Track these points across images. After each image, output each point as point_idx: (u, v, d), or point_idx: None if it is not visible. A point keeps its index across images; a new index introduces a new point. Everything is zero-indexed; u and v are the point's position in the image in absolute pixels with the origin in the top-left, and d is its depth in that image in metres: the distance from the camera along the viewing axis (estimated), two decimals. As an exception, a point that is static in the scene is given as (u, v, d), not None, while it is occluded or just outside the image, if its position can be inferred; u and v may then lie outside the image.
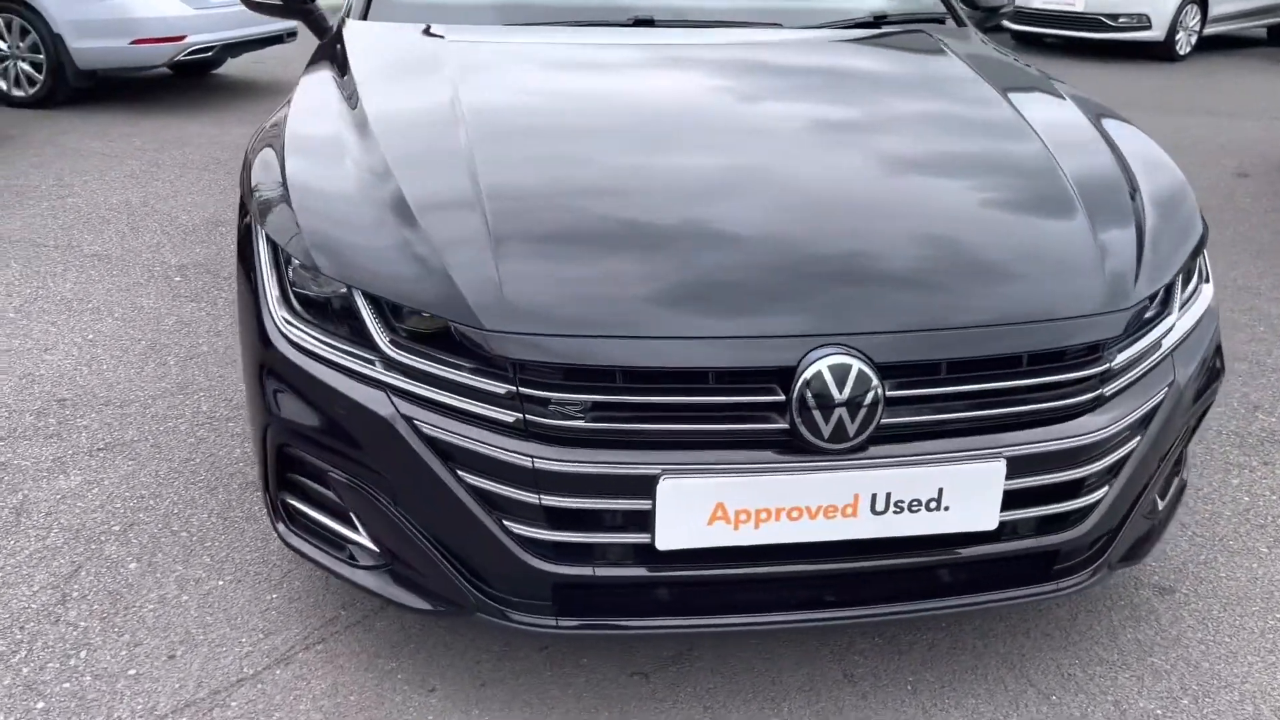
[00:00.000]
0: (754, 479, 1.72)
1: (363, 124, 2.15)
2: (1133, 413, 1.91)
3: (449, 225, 1.84)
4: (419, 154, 2.03)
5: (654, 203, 1.95)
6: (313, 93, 2.39)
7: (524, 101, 2.30)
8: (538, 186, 1.96)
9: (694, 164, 2.08)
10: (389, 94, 2.30)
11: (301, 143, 2.14)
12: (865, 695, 2.06)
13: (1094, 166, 2.19)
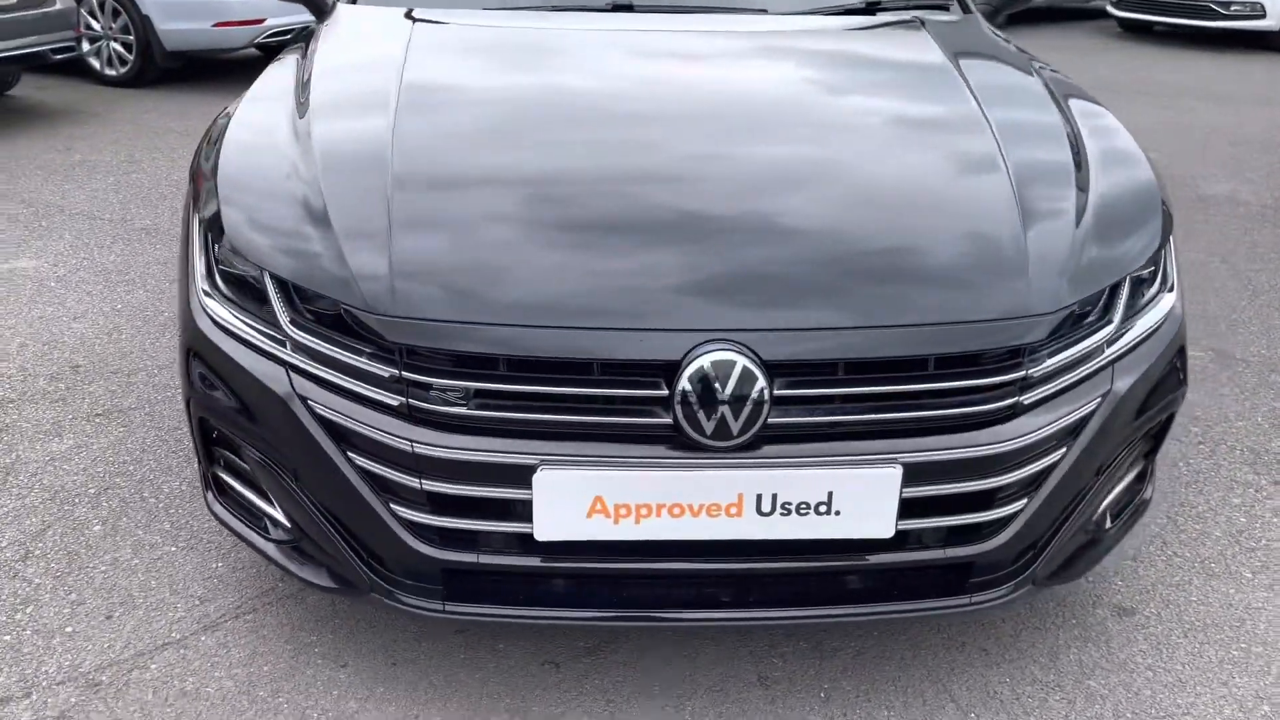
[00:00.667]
0: (635, 473, 1.69)
1: (303, 110, 2.18)
2: (1054, 423, 1.81)
3: (354, 212, 1.86)
4: (344, 141, 2.05)
5: (561, 193, 1.93)
6: (270, 79, 2.43)
7: (462, 89, 2.30)
8: (448, 176, 1.96)
9: (611, 153, 2.05)
10: (338, 81, 2.33)
11: (241, 128, 2.18)
12: (775, 700, 2.01)
13: (1044, 164, 2.08)
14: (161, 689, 2.00)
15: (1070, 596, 2.32)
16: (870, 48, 2.63)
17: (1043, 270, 1.83)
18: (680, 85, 2.33)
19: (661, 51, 2.54)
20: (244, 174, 2.03)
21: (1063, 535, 1.95)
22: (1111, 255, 1.93)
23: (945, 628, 2.21)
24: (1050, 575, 1.97)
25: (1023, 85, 2.43)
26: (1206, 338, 3.65)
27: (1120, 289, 1.93)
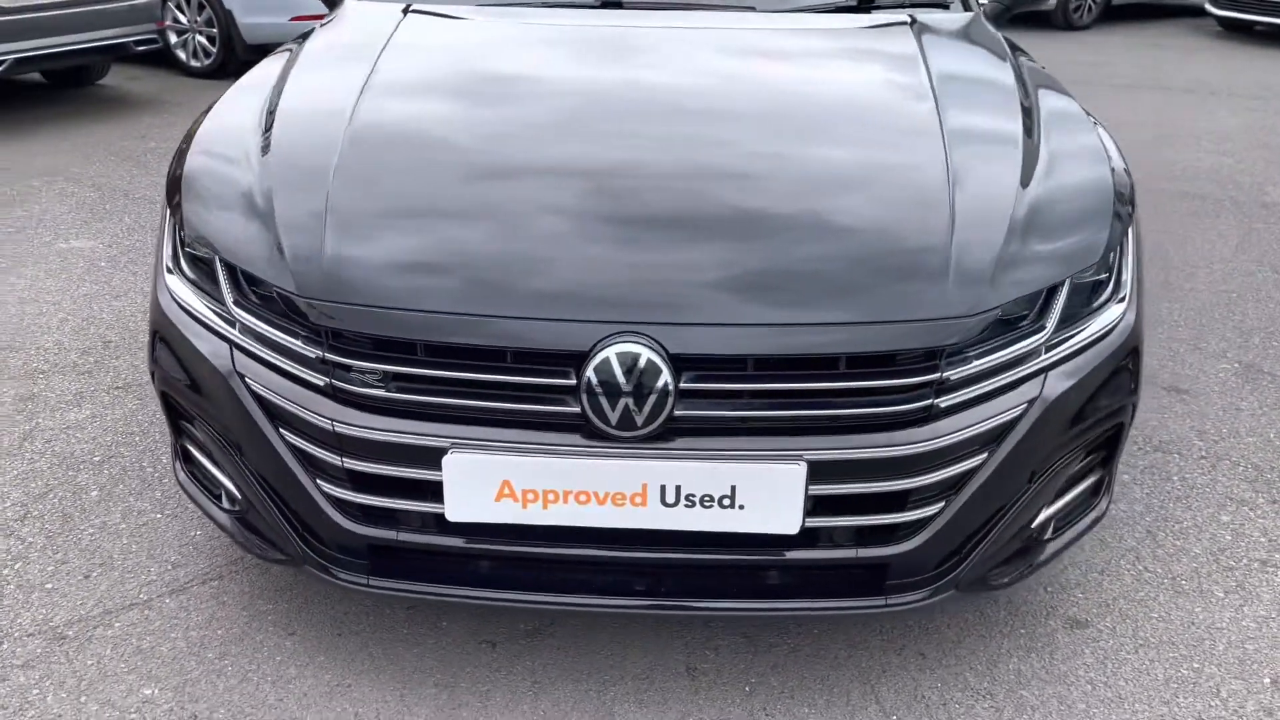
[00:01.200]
0: (542, 460, 1.74)
1: (273, 103, 2.27)
2: (973, 428, 1.80)
3: (295, 202, 1.94)
4: (300, 134, 2.14)
5: (489, 187, 1.97)
6: (258, 71, 2.54)
7: (426, 86, 2.35)
8: (388, 171, 2.01)
9: (545, 149, 2.08)
10: (312, 75, 2.42)
11: (215, 118, 2.30)
12: (698, 691, 2.04)
13: (987, 165, 2.05)
14: (120, 646, 2.12)
15: (1024, 606, 2.28)
16: (842, 44, 2.61)
17: (966, 272, 1.81)
18: (629, 83, 2.35)
19: (625, 48, 2.56)
20: (210, 162, 2.14)
21: (990, 542, 1.92)
22: (1048, 259, 1.90)
23: (885, 630, 2.20)
24: (976, 582, 1.95)
25: (991, 85, 2.39)
26: (1236, 350, 3.52)
27: (1057, 294, 1.89)
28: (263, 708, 1.97)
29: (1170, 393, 3.23)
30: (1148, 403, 3.15)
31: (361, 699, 2.00)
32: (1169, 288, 4.04)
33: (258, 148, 2.11)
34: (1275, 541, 2.52)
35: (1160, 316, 3.77)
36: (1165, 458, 2.87)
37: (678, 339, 1.72)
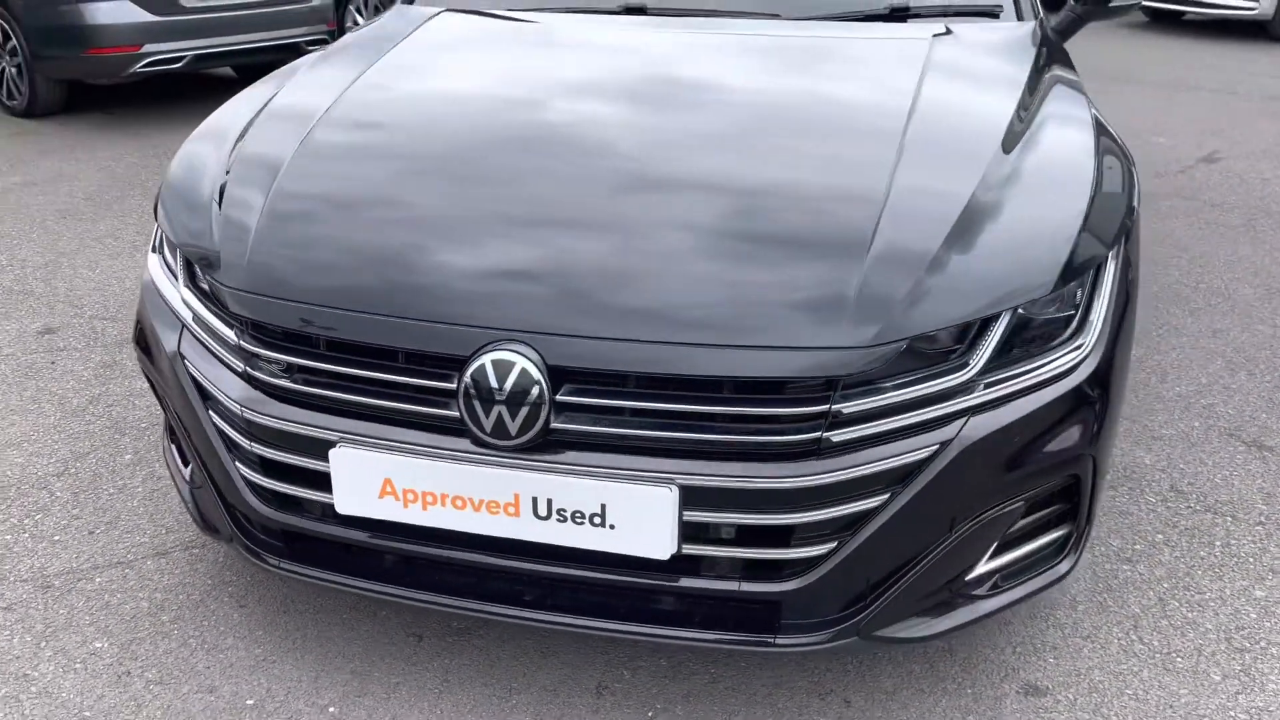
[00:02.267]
0: (422, 462, 1.75)
1: (272, 98, 2.39)
2: (869, 466, 1.68)
3: (239, 200, 2.03)
4: (272, 132, 2.23)
5: (409, 197, 1.98)
6: (285, 68, 2.66)
7: (398, 96, 2.37)
8: (332, 171, 2.06)
9: (466, 162, 2.08)
10: (317, 73, 2.52)
11: (222, 110, 2.43)
12: (599, 710, 2.00)
13: (935, 195, 1.89)
14: (93, 599, 2.29)
15: (981, 663, 2.11)
16: (842, 59, 2.46)
17: (872, 301, 1.69)
18: (588, 92, 2.32)
19: (604, 56, 2.53)
20: (194, 149, 2.28)
21: (904, 590, 1.80)
22: (978, 292, 1.74)
23: (816, 672, 2.08)
24: (884, 631, 1.82)
25: (981, 109, 2.19)
26: (1352, 407, 3.12)
27: (990, 329, 1.74)
28: (189, 673, 2.08)
29: (1251, 448, 2.90)
30: (1217, 458, 2.84)
31: (279, 675, 2.08)
32: (1225, 296, 3.64)
33: (234, 142, 2.22)
34: (1310, 626, 2.22)
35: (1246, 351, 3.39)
36: (1215, 520, 2.58)
37: (558, 350, 1.69)
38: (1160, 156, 5.88)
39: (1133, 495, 2.68)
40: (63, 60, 6.36)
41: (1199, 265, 4.26)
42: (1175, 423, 3.03)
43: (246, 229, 1.95)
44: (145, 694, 2.03)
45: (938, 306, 1.72)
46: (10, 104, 6.72)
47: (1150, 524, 2.56)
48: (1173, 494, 2.69)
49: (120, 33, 6.19)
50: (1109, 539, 2.51)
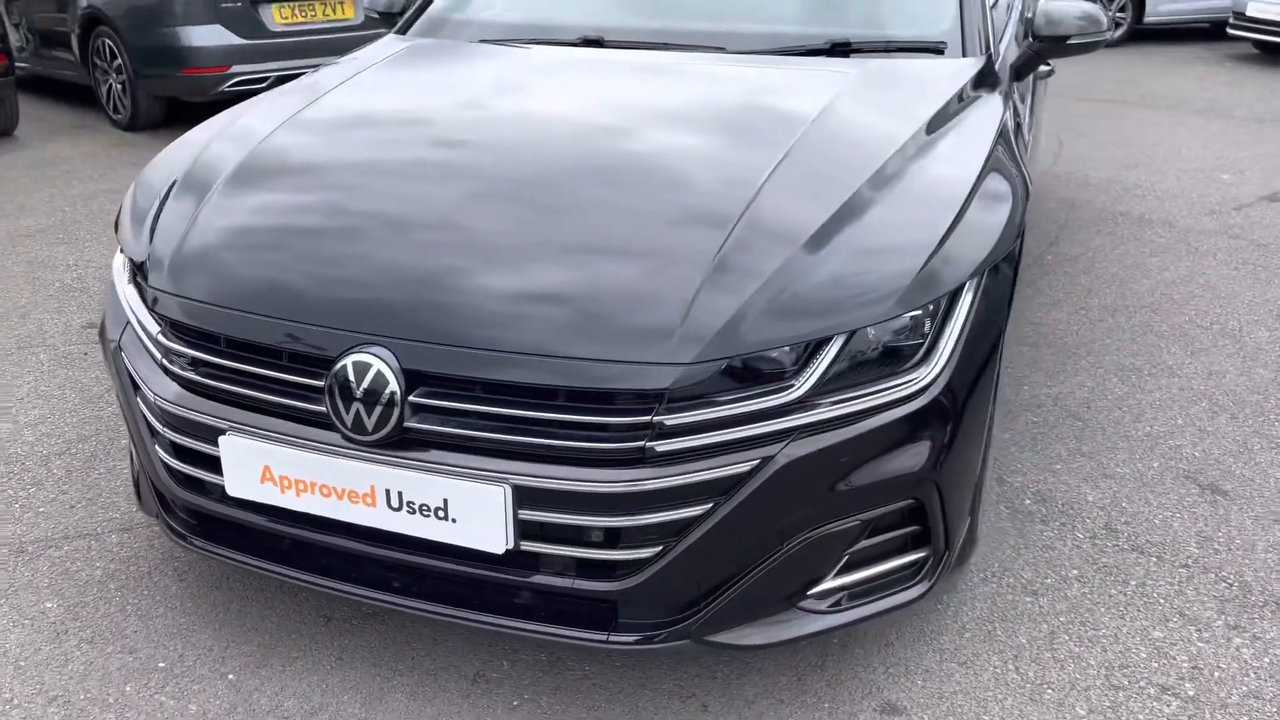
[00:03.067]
0: (293, 451, 1.93)
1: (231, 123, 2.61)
2: (690, 476, 1.78)
3: (176, 209, 2.25)
4: (223, 147, 2.45)
5: (320, 211, 2.16)
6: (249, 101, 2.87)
7: (336, 121, 2.55)
8: (258, 188, 2.25)
9: (379, 183, 2.23)
10: (281, 97, 2.74)
11: (203, 125, 2.67)
12: (468, 696, 2.13)
13: (790, 218, 1.97)
14: (56, 566, 2.54)
15: (849, 679, 2.16)
16: (757, 88, 2.53)
17: (702, 320, 1.79)
18: (498, 122, 2.46)
19: (532, 85, 2.69)
20: (166, 156, 2.52)
21: (737, 598, 1.88)
22: (811, 315, 1.82)
23: (683, 677, 2.17)
24: (717, 637, 1.91)
25: (871, 139, 2.24)
26: (1332, 455, 3.02)
27: (822, 351, 1.82)
28: (117, 636, 2.30)
29: (1205, 491, 2.85)
30: (1166, 500, 2.80)
31: (194, 644, 2.28)
32: (1233, 338, 3.53)
33: (195, 154, 2.45)
34: (1199, 670, 2.20)
35: (1237, 395, 3.30)
36: (1138, 559, 2.55)
37: (413, 355, 1.85)
38: (1220, 194, 5.71)
39: (1062, 531, 2.67)
40: (161, 78, 6.87)
41: (1220, 305, 4.15)
42: (1134, 462, 3.00)
43: (174, 238, 2.17)
44: (75, 651, 2.26)
45: (766, 328, 1.80)
46: (115, 118, 7.29)
47: (1070, 559, 2.56)
48: (1105, 532, 2.67)
49: (211, 54, 6.65)
50: (1021, 570, 2.52)
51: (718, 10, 2.98)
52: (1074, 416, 3.26)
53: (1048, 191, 5.74)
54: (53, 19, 7.65)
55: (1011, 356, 3.69)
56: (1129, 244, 4.90)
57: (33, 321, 4.01)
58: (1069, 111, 7.86)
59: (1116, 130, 7.25)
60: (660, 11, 3.05)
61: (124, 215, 2.39)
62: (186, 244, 2.15)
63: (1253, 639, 2.29)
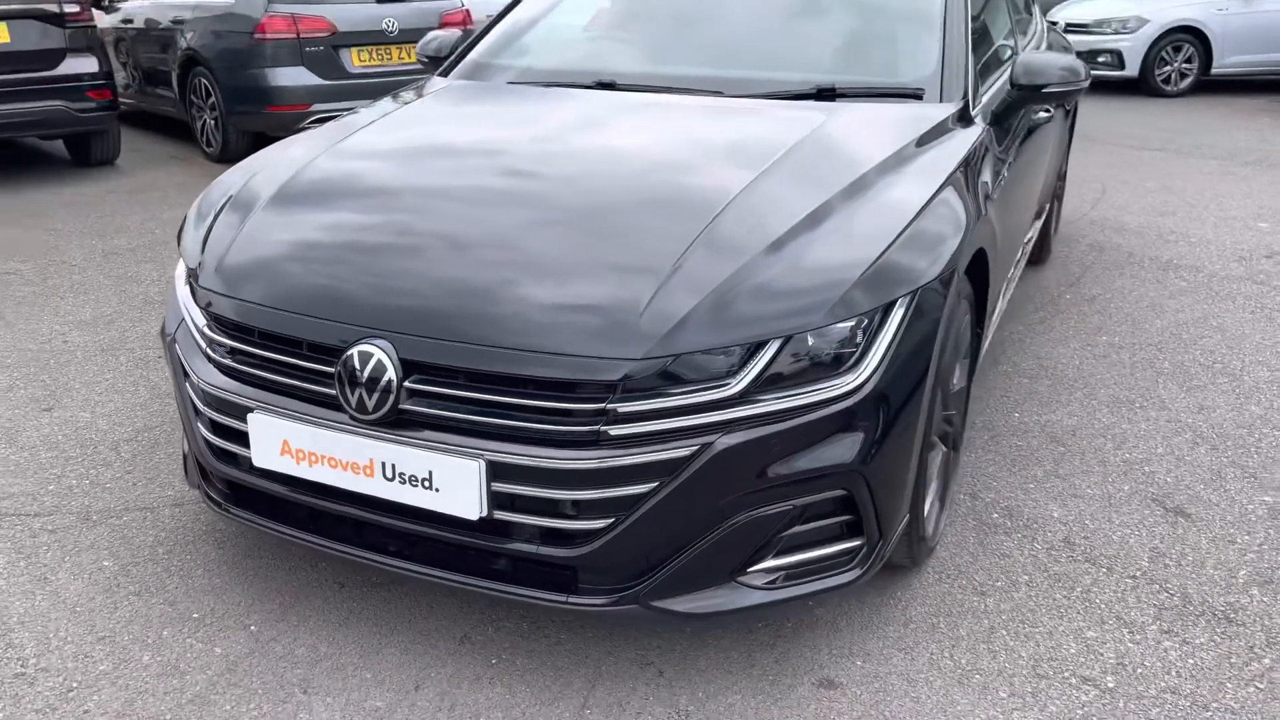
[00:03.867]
0: (307, 428, 2.25)
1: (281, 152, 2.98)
2: (637, 457, 2.05)
3: (230, 218, 2.62)
4: (273, 169, 2.82)
5: (345, 227, 2.49)
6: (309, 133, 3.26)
7: (372, 151, 2.91)
8: (296, 207, 2.60)
9: (402, 204, 2.56)
10: (331, 128, 3.12)
11: (243, 163, 3.04)
12: (457, 654, 2.41)
13: (742, 236, 2.25)
14: (116, 532, 2.90)
15: (794, 659, 2.39)
16: (746, 123, 2.83)
17: (653, 323, 2.07)
18: (513, 153, 2.78)
19: (541, 124, 3.01)
20: (229, 175, 2.90)
21: (681, 570, 2.14)
22: (748, 323, 2.09)
23: (646, 647, 2.42)
24: (662, 603, 2.16)
25: (833, 170, 2.51)
26: None
27: (758, 354, 2.08)
28: (160, 590, 2.64)
29: (1169, 513, 3.01)
30: (1128, 519, 2.97)
31: (225, 599, 2.60)
32: (1233, 377, 3.63)
33: (246, 178, 2.83)
34: (1123, 665, 2.37)
35: (1223, 428, 3.44)
36: (1088, 569, 2.74)
37: (409, 346, 2.16)
38: (1254, 241, 5.79)
39: (1021, 542, 2.86)
40: (249, 115, 7.43)
41: (1226, 345, 4.27)
42: (1105, 484, 3.17)
43: (222, 248, 2.53)
44: (123, 601, 2.60)
45: (709, 331, 2.08)
46: (208, 150, 7.87)
47: (1023, 567, 2.75)
48: (1062, 544, 2.85)
49: (295, 93, 7.19)
50: (974, 574, 2.72)
51: (717, 58, 3.29)
52: (1057, 442, 3.44)
53: (1078, 235, 5.89)
54: (156, 59, 8.31)
55: (1008, 386, 3.88)
56: (1150, 286, 5.04)
57: (117, 328, 4.46)
58: (1117, 159, 7.97)
59: (1162, 178, 7.35)
60: (667, 59, 3.37)
61: (185, 229, 2.76)
62: (231, 253, 2.50)
63: (1182, 643, 2.46)
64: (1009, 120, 3.23)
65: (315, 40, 7.21)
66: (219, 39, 7.48)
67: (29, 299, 4.84)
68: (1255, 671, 2.37)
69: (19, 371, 4.00)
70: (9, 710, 2.24)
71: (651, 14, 3.68)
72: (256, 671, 2.36)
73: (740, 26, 3.38)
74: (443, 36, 3.88)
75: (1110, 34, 11.16)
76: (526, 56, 3.59)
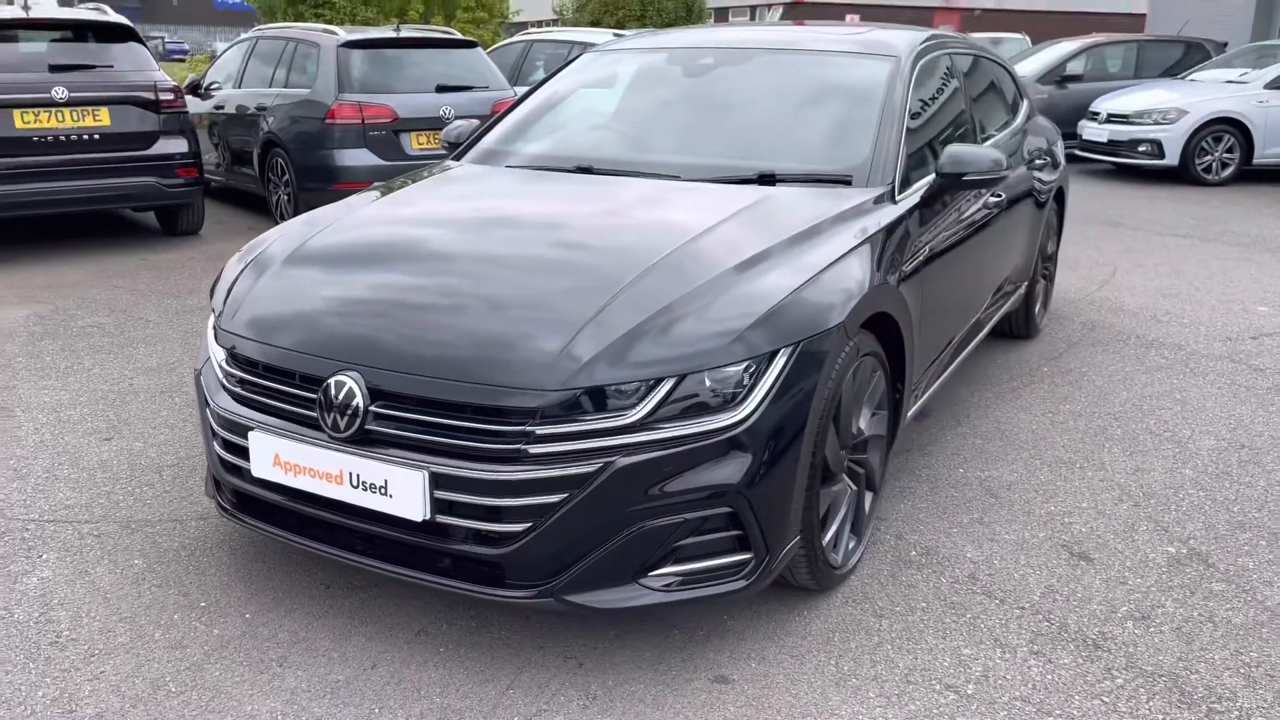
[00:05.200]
0: (293, 443, 2.74)
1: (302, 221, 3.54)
2: (550, 471, 2.49)
3: (247, 276, 3.17)
4: (292, 234, 3.37)
5: (336, 285, 3.00)
6: None
7: (389, 217, 3.47)
8: (302, 268, 3.13)
9: (385, 267, 3.07)
10: (353, 199, 3.68)
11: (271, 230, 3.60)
12: (412, 644, 2.84)
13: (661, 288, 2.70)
14: (149, 538, 3.42)
15: (696, 660, 2.76)
16: (699, 199, 3.32)
17: (569, 360, 2.52)
18: (488, 223, 3.31)
19: (527, 195, 3.57)
20: (246, 249, 3.46)
21: (588, 569, 2.55)
22: (652, 364, 2.52)
23: (570, 644, 2.82)
24: (573, 597, 2.57)
25: (758, 234, 2.98)
26: (1201, 537, 3.42)
27: (657, 388, 2.51)
28: (177, 584, 3.14)
29: (1074, 557, 3.31)
30: (1035, 561, 3.29)
31: (229, 591, 3.08)
32: (1178, 444, 3.90)
33: (268, 243, 3.38)
34: (986, 677, 2.69)
35: (1150, 488, 3.72)
36: (984, 601, 3.06)
37: (374, 377, 2.65)
38: (1245, 323, 6.02)
39: (930, 576, 3.20)
40: (318, 191, 8.14)
41: (1183, 417, 4.54)
42: (1022, 530, 3.49)
43: (241, 298, 3.07)
44: (146, 591, 3.10)
45: (615, 369, 2.52)
46: (280, 222, 8.63)
47: (923, 595, 3.09)
48: (966, 579, 3.18)
49: (358, 172, 7.90)
50: (877, 599, 3.06)
51: (679, 148, 3.81)
52: (991, 494, 3.77)
53: (1075, 314, 6.20)
54: (241, 140, 9.16)
55: (960, 445, 4.22)
56: (1128, 362, 5.32)
57: (177, 374, 5.07)
58: (1138, 244, 8.24)
59: (1177, 263, 7.60)
60: (637, 150, 3.91)
61: (217, 284, 3.31)
62: (246, 305, 3.04)
63: (1046, 662, 2.77)
64: (937, 204, 3.64)
65: (378, 125, 7.94)
66: (295, 123, 8.27)
67: (106, 348, 5.50)
68: (1105, 689, 2.67)
69: (89, 408, 4.61)
70: (42, 668, 2.73)
71: (629, 114, 4.28)
72: (245, 648, 2.82)
73: (701, 122, 3.92)
74: (462, 126, 4.45)
75: (1150, 124, 11.44)
76: (525, 145, 4.14)
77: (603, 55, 4.69)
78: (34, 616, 2.96)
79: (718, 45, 4.43)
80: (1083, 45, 14.21)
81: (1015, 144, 4.91)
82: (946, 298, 3.76)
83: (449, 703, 2.60)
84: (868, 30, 4.39)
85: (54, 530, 3.47)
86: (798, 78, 4.05)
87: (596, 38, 10.67)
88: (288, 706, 2.58)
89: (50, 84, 7.24)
